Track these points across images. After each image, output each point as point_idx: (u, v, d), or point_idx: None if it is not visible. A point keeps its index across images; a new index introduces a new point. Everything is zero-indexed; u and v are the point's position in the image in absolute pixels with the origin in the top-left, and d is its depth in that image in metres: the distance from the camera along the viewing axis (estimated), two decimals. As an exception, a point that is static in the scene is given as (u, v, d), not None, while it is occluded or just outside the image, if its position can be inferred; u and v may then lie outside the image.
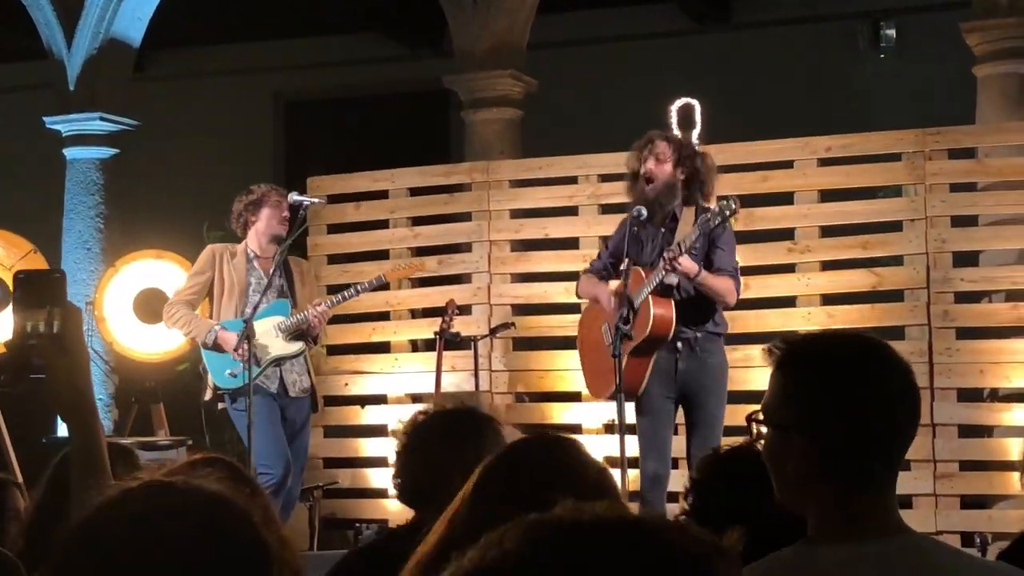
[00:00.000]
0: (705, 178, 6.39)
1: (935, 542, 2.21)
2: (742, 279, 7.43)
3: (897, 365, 2.17)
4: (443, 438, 3.27)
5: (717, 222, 6.01)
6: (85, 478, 2.28)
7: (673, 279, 6.11)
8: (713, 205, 6.20)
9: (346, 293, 7.28)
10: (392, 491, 3.71)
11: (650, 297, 6.12)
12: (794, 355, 2.19)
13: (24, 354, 2.34)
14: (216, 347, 6.99)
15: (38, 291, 2.35)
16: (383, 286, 7.56)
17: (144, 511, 1.47)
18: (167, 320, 7.27)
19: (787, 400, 2.16)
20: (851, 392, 2.14)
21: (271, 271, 7.06)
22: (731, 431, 6.64)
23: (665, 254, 6.02)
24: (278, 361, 7.07)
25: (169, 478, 1.55)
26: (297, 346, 7.11)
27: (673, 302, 6.18)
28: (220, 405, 7.19)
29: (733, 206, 6.01)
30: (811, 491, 2.14)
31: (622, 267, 6.29)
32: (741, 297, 7.51)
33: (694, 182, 6.34)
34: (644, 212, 6.23)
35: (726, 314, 6.46)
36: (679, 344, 6.23)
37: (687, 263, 6.03)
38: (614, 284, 6.42)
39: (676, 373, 6.23)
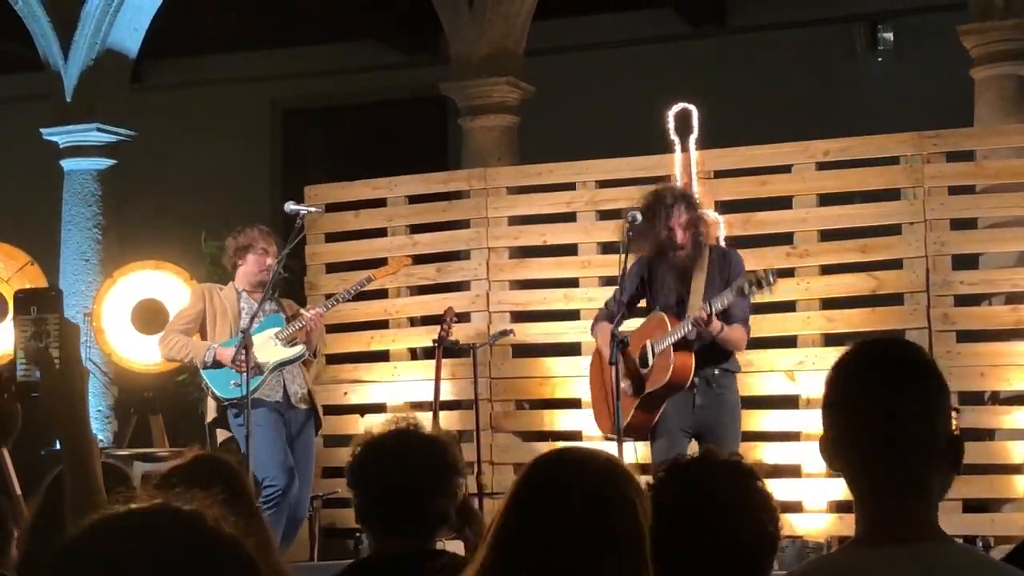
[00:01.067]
0: (707, 230, 6.56)
1: (973, 552, 2.21)
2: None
3: (903, 374, 2.15)
4: (391, 461, 3.23)
5: (751, 291, 6.12)
6: (78, 495, 2.27)
7: (692, 335, 6.22)
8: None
9: (338, 296, 7.36)
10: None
11: (671, 348, 6.22)
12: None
13: (25, 385, 2.33)
14: (216, 364, 7.04)
15: (36, 309, 2.36)
16: (374, 277, 7.57)
17: (136, 533, 1.46)
18: (164, 350, 7.33)
19: (824, 392, 2.20)
20: (839, 398, 2.15)
21: (261, 299, 7.11)
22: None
23: (696, 315, 6.13)
24: (280, 367, 7.10)
25: (163, 501, 1.53)
26: (296, 349, 7.15)
27: (693, 353, 6.26)
28: (221, 436, 7.19)
29: (772, 280, 6.12)
30: (851, 488, 2.17)
31: (641, 305, 6.47)
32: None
33: (700, 233, 6.45)
34: (639, 216, 6.25)
35: None
36: (696, 380, 6.30)
37: (716, 324, 6.15)
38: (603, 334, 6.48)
39: (693, 408, 6.31)
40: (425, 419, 4.06)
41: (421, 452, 3.23)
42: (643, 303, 6.60)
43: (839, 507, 7.23)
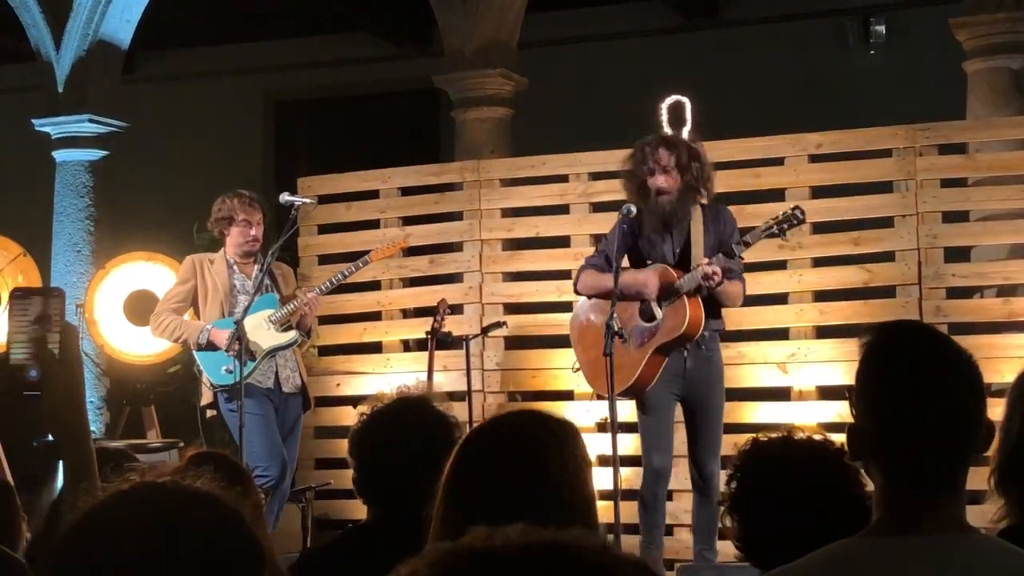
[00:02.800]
0: (708, 174, 6.40)
1: (998, 542, 2.20)
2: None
3: (946, 366, 2.14)
4: (392, 433, 3.26)
5: (783, 228, 6.11)
6: (76, 496, 2.27)
7: (692, 287, 6.16)
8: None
9: (333, 279, 7.33)
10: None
11: (684, 297, 6.18)
12: (869, 339, 2.20)
13: (19, 369, 2.33)
14: (209, 346, 6.97)
15: (35, 307, 2.35)
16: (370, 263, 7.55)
17: (135, 513, 1.47)
18: (155, 330, 7.27)
19: (856, 382, 2.18)
20: (879, 386, 2.14)
21: (254, 275, 7.09)
22: (729, 429, 6.65)
23: (704, 265, 6.07)
24: (272, 353, 7.06)
25: (159, 479, 1.55)
26: (290, 335, 7.11)
27: (701, 300, 6.23)
28: (209, 413, 7.19)
29: (800, 215, 6.12)
30: (871, 478, 2.17)
31: (624, 266, 6.34)
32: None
33: (699, 181, 6.34)
34: (633, 210, 6.23)
35: None
36: (688, 343, 6.28)
37: (719, 273, 6.11)
38: (633, 274, 6.37)
39: (684, 372, 6.28)
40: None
41: (424, 428, 3.23)
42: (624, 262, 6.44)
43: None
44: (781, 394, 7.58)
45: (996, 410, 7.77)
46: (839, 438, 2.34)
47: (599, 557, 1.15)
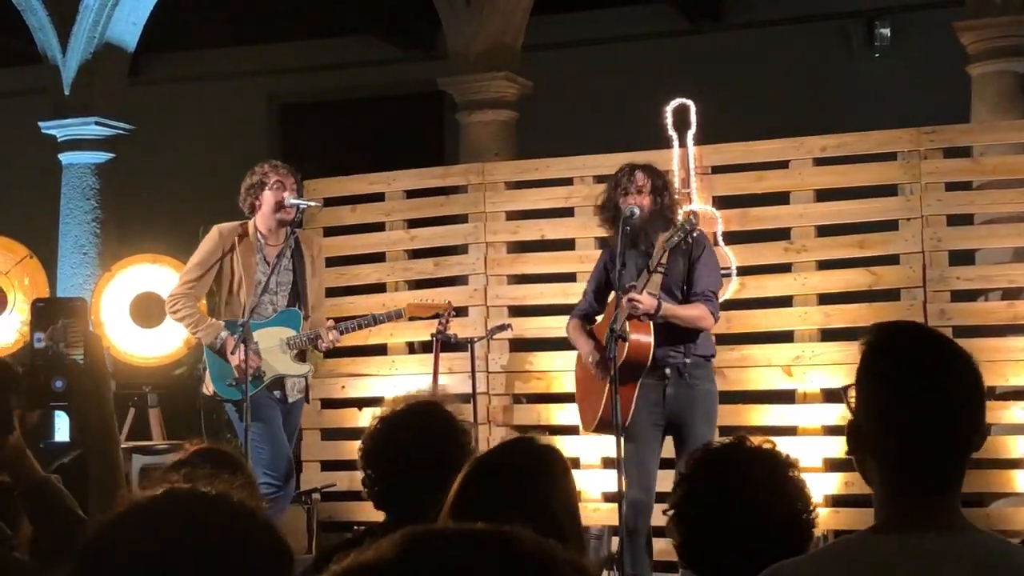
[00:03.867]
0: (674, 206, 6.39)
1: (999, 540, 2.21)
2: (738, 279, 7.43)
3: (948, 365, 2.15)
4: (404, 440, 3.27)
5: (678, 239, 5.98)
6: (104, 504, 2.26)
7: (639, 312, 6.00)
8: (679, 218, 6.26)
9: (361, 321, 7.09)
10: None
11: (627, 323, 6.03)
12: (869, 338, 2.21)
13: (46, 378, 2.32)
14: (222, 353, 6.70)
15: (57, 315, 2.35)
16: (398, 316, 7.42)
17: (166, 519, 1.47)
18: (171, 313, 6.88)
19: (857, 379, 2.20)
20: (879, 385, 2.15)
21: (274, 265, 6.73)
22: (727, 431, 6.66)
23: (622, 296, 5.97)
24: (281, 378, 6.83)
25: (191, 486, 1.54)
26: (303, 369, 6.88)
27: (652, 326, 6.08)
28: (218, 398, 7.03)
29: (693, 220, 6.05)
30: (869, 479, 2.17)
31: (609, 300, 6.34)
32: (738, 297, 7.54)
33: (665, 209, 6.31)
34: (636, 211, 6.22)
35: (717, 333, 6.46)
36: (667, 371, 6.16)
37: (644, 300, 5.95)
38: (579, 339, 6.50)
39: (664, 400, 6.16)
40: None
41: (432, 435, 3.25)
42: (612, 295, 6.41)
43: (835, 501, 7.24)
44: (786, 396, 7.59)
45: (1002, 413, 7.77)
46: (838, 441, 2.34)
47: (537, 548, 1.20)
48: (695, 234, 6.02)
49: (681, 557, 2.69)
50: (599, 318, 6.51)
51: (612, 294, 6.38)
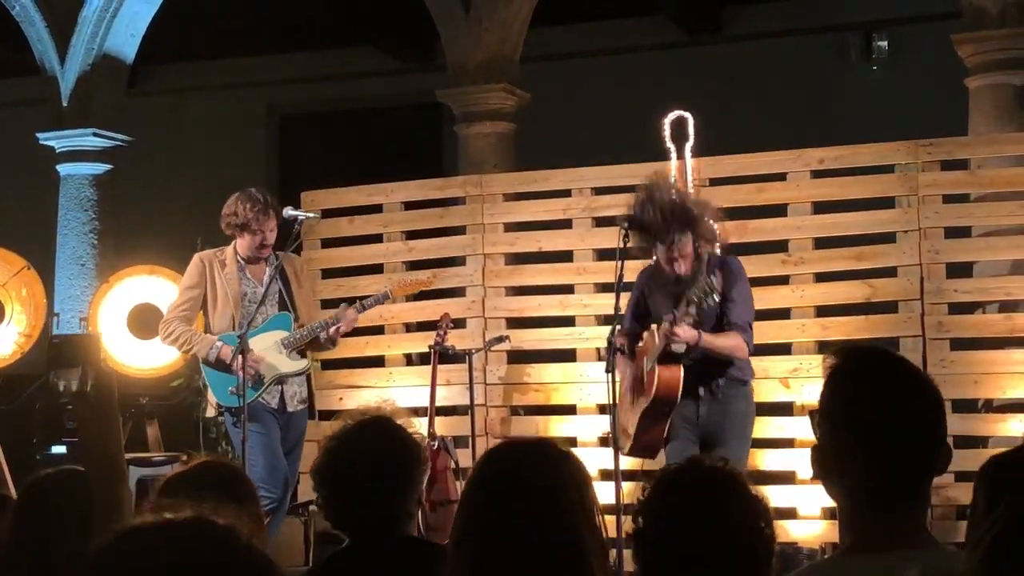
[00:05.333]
0: (710, 234, 6.35)
1: (964, 556, 2.21)
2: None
3: (907, 385, 2.18)
4: (354, 461, 3.26)
5: (697, 300, 5.90)
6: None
7: (680, 347, 6.06)
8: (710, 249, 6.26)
9: (358, 306, 7.08)
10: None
11: (657, 364, 6.08)
12: (832, 362, 2.24)
13: (58, 416, 2.34)
14: (218, 363, 6.76)
15: (72, 352, 2.37)
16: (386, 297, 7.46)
17: (164, 546, 1.47)
18: (164, 338, 7.01)
19: (820, 403, 2.23)
20: (841, 407, 2.17)
21: (264, 279, 6.89)
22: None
23: (663, 327, 6.01)
24: (281, 379, 6.89)
25: (193, 514, 1.54)
26: (302, 364, 6.93)
27: (681, 365, 6.10)
28: (220, 418, 7.10)
29: (708, 289, 5.88)
30: (835, 497, 2.19)
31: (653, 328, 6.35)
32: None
33: (704, 247, 6.26)
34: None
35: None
36: (701, 390, 6.20)
37: (684, 333, 5.98)
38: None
39: (698, 418, 6.22)
40: (420, 424, 4.08)
41: (378, 450, 3.25)
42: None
43: (832, 514, 7.23)
44: (783, 409, 7.59)
45: (999, 426, 7.74)
46: None
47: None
48: (715, 298, 5.98)
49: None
50: (642, 343, 6.46)
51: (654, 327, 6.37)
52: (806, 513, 7.39)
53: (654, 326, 6.26)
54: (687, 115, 7.81)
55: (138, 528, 1.49)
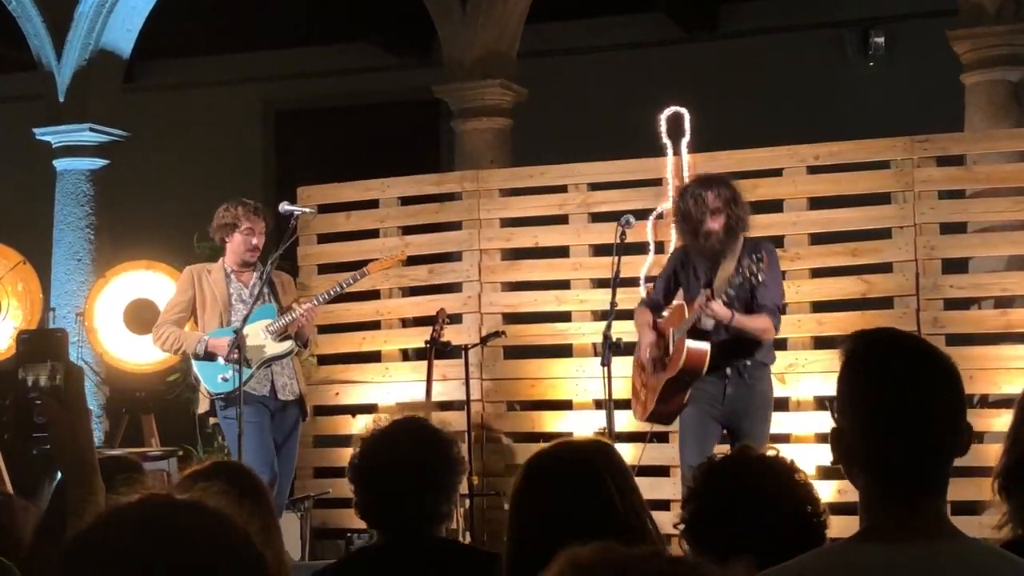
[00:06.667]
0: (745, 215, 6.44)
1: (988, 547, 2.21)
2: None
3: (926, 366, 2.16)
4: (391, 459, 3.27)
5: (740, 280, 6.02)
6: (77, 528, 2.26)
7: (709, 323, 6.18)
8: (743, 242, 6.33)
9: (332, 290, 7.29)
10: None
11: (686, 336, 6.20)
12: (848, 345, 2.21)
13: (28, 410, 2.34)
14: (208, 356, 6.99)
15: (40, 347, 2.37)
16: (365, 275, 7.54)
17: (142, 527, 1.48)
18: (156, 342, 7.29)
19: (838, 387, 2.20)
20: (861, 390, 2.15)
21: (252, 283, 7.15)
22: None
23: (698, 301, 6.14)
24: (269, 362, 7.08)
25: (166, 493, 1.55)
26: (286, 345, 7.13)
27: (709, 341, 6.22)
28: (212, 420, 7.23)
29: (756, 268, 5.98)
30: (856, 485, 2.17)
31: (676, 302, 6.44)
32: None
33: (740, 222, 6.38)
34: (632, 220, 6.27)
35: None
36: (728, 371, 6.29)
37: (719, 310, 6.11)
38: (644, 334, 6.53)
39: (724, 398, 6.30)
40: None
41: (421, 453, 3.26)
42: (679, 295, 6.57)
43: (830, 509, 7.25)
44: (779, 404, 7.58)
45: (994, 421, 7.78)
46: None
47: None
48: (760, 277, 6.03)
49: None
50: (666, 312, 6.53)
51: (679, 296, 6.54)
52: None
53: (681, 301, 6.36)
54: (683, 111, 7.82)
55: (119, 508, 1.50)
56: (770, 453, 2.74)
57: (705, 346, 6.19)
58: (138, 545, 1.45)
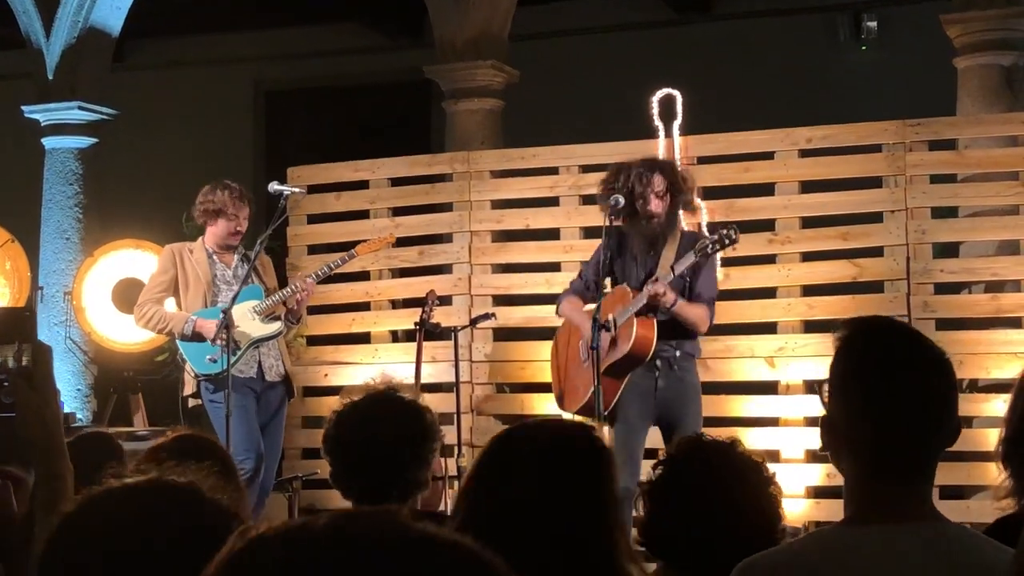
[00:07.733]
0: (690, 197, 6.49)
1: (971, 532, 2.24)
2: (722, 270, 7.43)
3: (917, 355, 2.17)
4: (365, 428, 3.26)
5: (716, 249, 6.10)
6: (49, 516, 2.24)
7: (663, 304, 6.16)
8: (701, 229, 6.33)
9: (323, 269, 7.28)
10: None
11: (634, 317, 6.18)
12: (842, 332, 2.22)
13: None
14: (195, 336, 6.96)
15: (7, 328, 2.34)
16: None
17: (126, 509, 1.46)
18: (139, 321, 7.25)
19: (830, 372, 2.21)
20: (853, 376, 2.16)
21: (235, 265, 7.14)
22: (709, 423, 6.66)
23: (648, 284, 6.13)
24: (256, 343, 7.07)
25: (158, 475, 1.54)
26: (275, 326, 7.12)
27: (655, 323, 6.22)
28: (192, 402, 7.21)
29: (733, 236, 6.11)
30: (841, 471, 2.19)
31: (605, 288, 6.37)
32: (722, 288, 7.53)
33: (683, 205, 6.43)
34: (621, 200, 6.25)
35: None
36: (658, 362, 6.27)
37: (669, 295, 6.12)
38: (579, 315, 6.52)
39: (655, 392, 6.27)
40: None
41: (395, 421, 3.26)
42: (607, 282, 6.53)
43: (817, 492, 7.26)
44: (768, 388, 7.60)
45: (984, 406, 7.76)
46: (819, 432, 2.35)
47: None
48: (737, 245, 6.06)
49: (642, 533, 2.72)
50: (591, 306, 6.50)
51: (608, 283, 6.49)
52: (791, 492, 7.39)
53: (624, 287, 6.33)
54: (676, 93, 7.80)
55: (101, 493, 1.48)
56: (755, 457, 2.78)
57: (652, 332, 6.18)
58: (126, 526, 1.44)
